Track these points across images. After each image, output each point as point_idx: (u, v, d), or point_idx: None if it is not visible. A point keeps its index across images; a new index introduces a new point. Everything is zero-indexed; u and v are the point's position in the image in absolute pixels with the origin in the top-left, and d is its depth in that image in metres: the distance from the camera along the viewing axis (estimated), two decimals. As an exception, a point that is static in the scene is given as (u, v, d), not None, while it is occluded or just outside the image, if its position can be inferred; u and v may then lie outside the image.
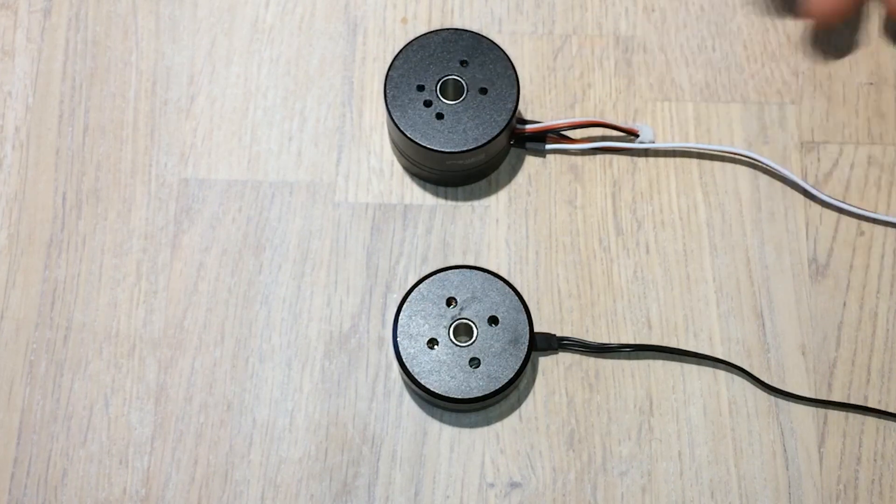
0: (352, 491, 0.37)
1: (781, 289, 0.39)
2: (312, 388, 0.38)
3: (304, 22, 0.42)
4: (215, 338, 0.38)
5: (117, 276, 0.39)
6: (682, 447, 0.37)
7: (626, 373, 0.38)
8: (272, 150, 0.40)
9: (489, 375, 0.35)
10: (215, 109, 0.41)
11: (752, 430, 0.37)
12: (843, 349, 0.38)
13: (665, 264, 0.39)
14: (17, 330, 0.38)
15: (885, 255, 0.39)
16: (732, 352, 0.38)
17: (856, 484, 0.37)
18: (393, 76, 0.37)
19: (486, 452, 0.37)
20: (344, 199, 0.40)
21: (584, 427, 0.37)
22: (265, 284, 0.39)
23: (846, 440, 0.37)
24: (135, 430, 0.37)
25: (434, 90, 0.37)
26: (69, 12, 0.42)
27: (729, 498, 0.37)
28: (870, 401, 0.38)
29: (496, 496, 0.37)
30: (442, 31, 0.38)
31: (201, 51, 0.41)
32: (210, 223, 0.39)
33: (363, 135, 0.40)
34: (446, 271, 0.37)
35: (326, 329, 0.38)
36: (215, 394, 0.38)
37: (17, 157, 0.40)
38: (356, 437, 0.37)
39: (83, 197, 0.40)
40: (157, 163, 0.40)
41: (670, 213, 0.40)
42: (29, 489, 0.37)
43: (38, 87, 0.41)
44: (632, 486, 0.37)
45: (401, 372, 0.36)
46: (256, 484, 0.37)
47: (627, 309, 0.39)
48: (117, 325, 0.38)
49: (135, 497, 0.37)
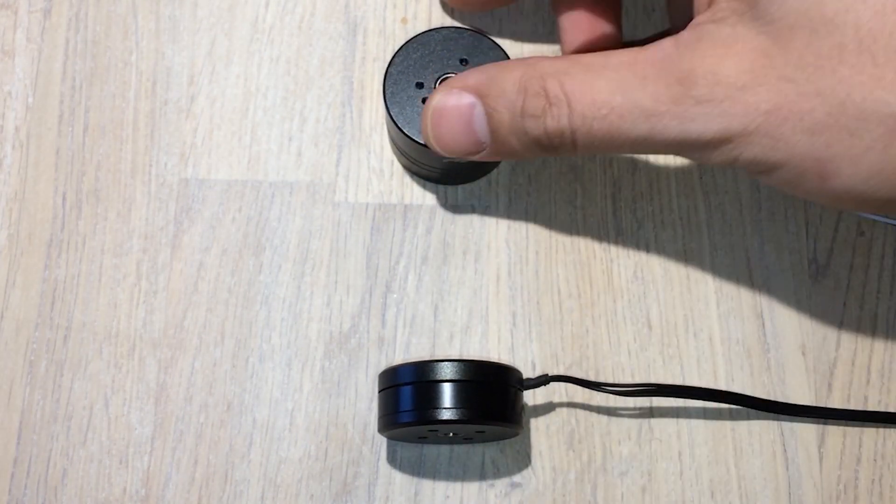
0: (352, 491, 0.37)
1: (781, 289, 0.39)
2: (312, 388, 0.38)
3: (304, 22, 0.42)
4: (215, 338, 0.38)
5: (117, 276, 0.39)
6: (682, 447, 0.37)
7: (627, 372, 0.38)
8: (272, 150, 0.40)
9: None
10: (215, 109, 0.41)
11: (752, 430, 0.37)
12: (843, 349, 0.38)
13: (665, 264, 0.39)
14: (17, 330, 0.38)
15: (885, 255, 0.39)
16: (732, 352, 0.38)
17: (856, 484, 0.37)
18: (392, 73, 0.37)
19: (486, 452, 0.37)
20: (344, 199, 0.40)
21: (584, 427, 0.37)
22: (265, 284, 0.39)
23: (846, 440, 0.37)
24: (135, 430, 0.37)
25: (433, 87, 0.37)
26: (69, 12, 0.42)
27: (729, 498, 0.37)
28: (870, 401, 0.38)
29: (496, 496, 0.37)
30: (442, 29, 0.38)
31: (201, 51, 0.41)
32: (210, 223, 0.39)
33: (363, 135, 0.40)
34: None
35: (326, 329, 0.38)
36: (215, 394, 0.38)
37: (17, 157, 0.40)
38: (356, 437, 0.37)
39: (83, 197, 0.40)
40: (157, 163, 0.40)
41: (670, 213, 0.40)
42: (29, 489, 0.37)
43: (38, 87, 0.41)
44: (632, 486, 0.37)
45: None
46: (256, 484, 0.37)
47: (627, 309, 0.39)
48: (117, 325, 0.38)
49: (135, 497, 0.37)
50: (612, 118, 0.30)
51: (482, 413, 0.33)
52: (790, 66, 0.28)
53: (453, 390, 0.33)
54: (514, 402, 0.35)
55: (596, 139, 0.31)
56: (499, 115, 0.32)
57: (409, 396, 0.34)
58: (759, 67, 0.28)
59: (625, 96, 0.30)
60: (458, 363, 0.34)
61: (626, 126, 0.30)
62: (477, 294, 0.39)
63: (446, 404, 0.33)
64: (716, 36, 0.29)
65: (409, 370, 0.34)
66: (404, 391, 0.34)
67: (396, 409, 0.34)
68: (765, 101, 0.28)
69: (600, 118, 0.30)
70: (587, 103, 0.30)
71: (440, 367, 0.34)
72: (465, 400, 0.33)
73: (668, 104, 0.29)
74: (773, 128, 0.28)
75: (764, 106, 0.28)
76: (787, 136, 0.28)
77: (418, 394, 0.34)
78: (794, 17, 0.28)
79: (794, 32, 0.28)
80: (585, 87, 0.30)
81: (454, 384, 0.33)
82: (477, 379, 0.34)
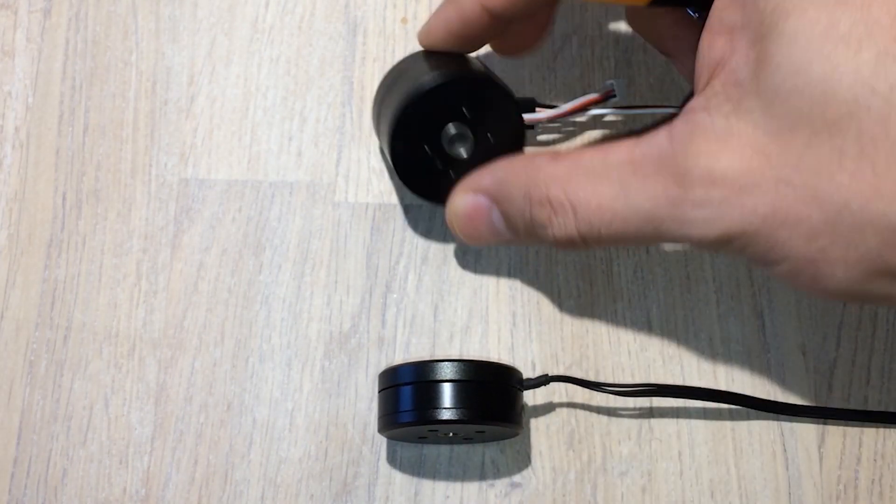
0: (352, 491, 0.37)
1: (781, 289, 0.39)
2: (312, 388, 0.38)
3: (304, 22, 0.42)
4: (215, 338, 0.38)
5: (117, 276, 0.39)
6: (682, 447, 0.37)
7: (627, 372, 0.38)
8: (272, 150, 0.40)
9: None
10: (215, 109, 0.41)
11: (752, 430, 0.37)
12: (843, 349, 0.38)
13: (665, 264, 0.39)
14: (17, 330, 0.38)
15: (885, 255, 0.39)
16: (732, 352, 0.38)
17: (856, 484, 0.37)
18: (397, 133, 0.35)
19: (486, 452, 0.37)
20: (344, 199, 0.40)
21: (584, 427, 0.37)
22: (265, 284, 0.39)
23: (846, 440, 0.37)
24: (135, 430, 0.37)
25: (440, 147, 0.36)
26: (69, 12, 0.42)
27: (729, 498, 0.37)
28: (870, 401, 0.38)
29: (496, 496, 0.37)
30: (442, 87, 0.35)
31: (201, 51, 0.41)
32: (210, 223, 0.39)
33: (363, 135, 0.40)
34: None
35: (326, 329, 0.38)
36: (215, 394, 0.38)
37: (17, 157, 0.40)
38: (356, 437, 0.37)
39: (83, 197, 0.40)
40: (157, 163, 0.40)
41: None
42: (29, 489, 0.37)
43: (38, 87, 0.41)
44: (632, 486, 0.37)
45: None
46: (256, 484, 0.37)
47: (627, 309, 0.39)
48: (117, 325, 0.38)
49: (135, 497, 0.37)
50: (617, 224, 0.30)
51: (482, 413, 0.33)
52: (788, 167, 0.27)
53: (454, 390, 0.33)
54: (515, 402, 0.35)
55: (604, 241, 0.31)
56: (513, 219, 0.33)
57: (410, 396, 0.34)
58: (757, 167, 0.28)
59: (627, 201, 0.30)
60: (459, 363, 0.34)
61: (632, 230, 0.30)
62: (477, 294, 0.39)
63: (447, 404, 0.33)
64: (710, 129, 0.29)
65: (410, 370, 0.34)
66: (404, 391, 0.34)
67: (396, 409, 0.34)
68: (762, 205, 0.28)
69: (606, 224, 0.31)
70: (592, 210, 0.31)
71: (441, 367, 0.34)
72: (466, 400, 0.33)
73: (668, 207, 0.29)
74: (770, 231, 0.28)
75: (762, 210, 0.28)
76: (783, 239, 0.28)
77: (419, 394, 0.34)
78: (795, 116, 0.27)
79: (795, 133, 0.27)
80: (589, 192, 0.31)
81: (455, 384, 0.33)
82: (478, 379, 0.34)
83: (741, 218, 0.28)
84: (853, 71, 0.26)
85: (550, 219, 0.32)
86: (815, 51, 0.27)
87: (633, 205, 0.30)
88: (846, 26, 0.26)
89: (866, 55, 0.26)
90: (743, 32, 0.28)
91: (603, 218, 0.31)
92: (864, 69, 0.26)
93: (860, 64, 0.26)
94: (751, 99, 0.28)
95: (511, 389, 0.34)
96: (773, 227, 0.28)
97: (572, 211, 0.31)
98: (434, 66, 0.35)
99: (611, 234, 0.31)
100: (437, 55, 0.36)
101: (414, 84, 0.35)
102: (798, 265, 0.28)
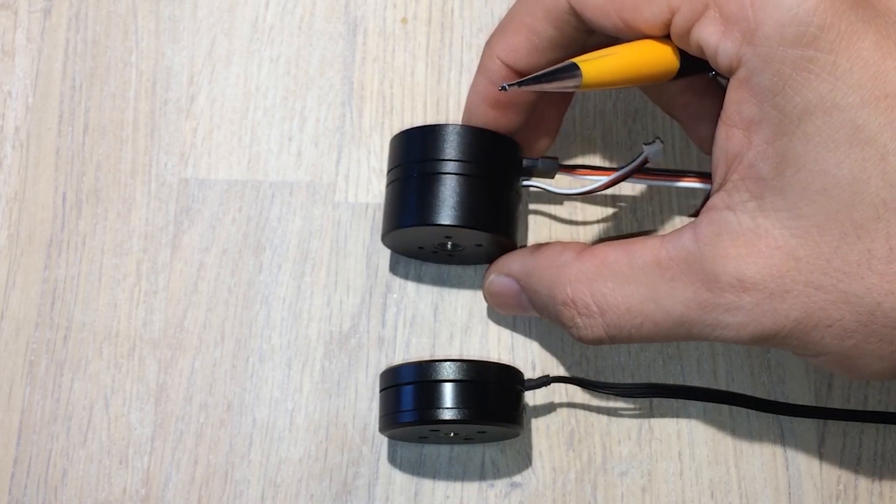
0: (352, 491, 0.37)
1: (781, 289, 0.39)
2: (312, 388, 0.38)
3: (304, 22, 0.42)
4: (215, 338, 0.38)
5: (117, 276, 0.39)
6: (682, 447, 0.37)
7: (627, 372, 0.38)
8: (272, 150, 0.40)
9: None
10: (215, 109, 0.41)
11: (752, 430, 0.37)
12: (843, 349, 0.38)
13: (665, 264, 0.39)
14: (17, 330, 0.38)
15: (884, 255, 0.39)
16: (732, 352, 0.38)
17: (856, 484, 0.37)
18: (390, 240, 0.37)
19: (486, 452, 0.37)
20: (344, 199, 0.40)
21: (584, 427, 0.37)
22: (265, 284, 0.39)
23: (846, 440, 0.37)
24: (135, 430, 0.37)
25: (434, 249, 0.37)
26: (69, 12, 0.42)
27: (729, 498, 0.37)
28: (870, 401, 0.38)
29: (496, 496, 0.37)
30: (419, 227, 0.35)
31: (201, 51, 0.41)
32: (210, 223, 0.39)
33: (363, 135, 0.40)
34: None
35: (326, 329, 0.38)
36: (215, 394, 0.38)
37: (17, 157, 0.40)
38: (356, 437, 0.37)
39: (83, 197, 0.40)
40: (157, 163, 0.40)
41: (670, 213, 0.40)
42: (29, 489, 0.37)
43: (38, 87, 0.41)
44: (632, 486, 0.37)
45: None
46: (256, 484, 0.37)
47: (627, 309, 0.39)
48: (117, 325, 0.38)
49: (135, 497, 0.37)
50: (647, 326, 0.31)
51: (484, 413, 0.33)
52: (818, 271, 0.28)
53: (455, 390, 0.33)
54: (516, 402, 0.35)
55: (633, 341, 0.32)
56: (539, 308, 0.34)
57: (411, 396, 0.34)
58: (787, 272, 0.28)
59: (657, 304, 0.30)
60: (460, 363, 0.34)
61: (663, 332, 0.31)
62: (477, 294, 0.39)
63: (448, 404, 0.33)
64: (736, 230, 0.29)
65: (411, 370, 0.34)
66: (406, 391, 0.34)
67: (397, 409, 0.34)
68: (794, 309, 0.28)
69: (637, 327, 0.31)
70: (622, 314, 0.31)
71: (442, 367, 0.34)
72: (467, 400, 0.33)
73: (699, 312, 0.29)
74: (803, 333, 0.28)
75: (794, 314, 0.28)
76: (816, 339, 0.28)
77: (420, 394, 0.34)
78: (823, 217, 0.27)
79: (823, 234, 0.27)
80: (618, 296, 0.31)
81: (456, 384, 0.33)
82: (479, 379, 0.34)
83: (773, 322, 0.29)
84: (880, 173, 0.27)
85: (574, 319, 0.32)
86: (842, 153, 0.27)
87: (663, 309, 0.30)
88: (872, 130, 0.27)
89: (892, 158, 0.27)
90: (760, 127, 0.28)
91: (633, 322, 0.31)
92: (890, 172, 0.27)
93: (887, 167, 0.27)
94: (775, 197, 0.28)
95: (513, 390, 0.34)
96: (805, 330, 0.28)
97: (600, 314, 0.31)
98: (449, 194, 0.34)
99: (642, 335, 0.31)
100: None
101: (421, 214, 0.34)
102: (834, 359, 0.29)
